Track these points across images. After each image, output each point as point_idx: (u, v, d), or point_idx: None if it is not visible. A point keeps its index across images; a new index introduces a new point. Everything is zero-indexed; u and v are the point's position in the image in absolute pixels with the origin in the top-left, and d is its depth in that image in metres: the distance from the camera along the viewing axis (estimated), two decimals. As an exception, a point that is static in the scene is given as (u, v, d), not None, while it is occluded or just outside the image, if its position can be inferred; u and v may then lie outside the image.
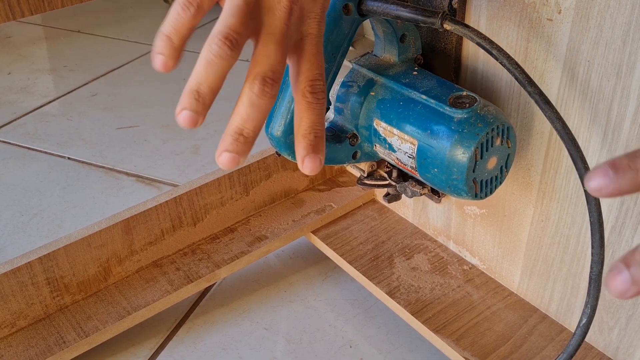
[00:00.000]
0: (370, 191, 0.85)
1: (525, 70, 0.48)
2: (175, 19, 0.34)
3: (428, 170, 0.54)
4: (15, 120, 1.24)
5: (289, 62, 0.38)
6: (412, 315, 0.67)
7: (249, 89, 0.34)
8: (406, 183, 0.64)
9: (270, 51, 0.35)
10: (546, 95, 0.47)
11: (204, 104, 0.33)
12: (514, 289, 0.69)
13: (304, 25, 0.37)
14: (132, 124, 1.22)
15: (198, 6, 0.35)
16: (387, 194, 0.69)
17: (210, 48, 0.33)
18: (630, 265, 0.27)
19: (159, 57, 0.34)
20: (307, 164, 0.36)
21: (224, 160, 0.34)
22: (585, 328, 0.51)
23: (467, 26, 0.48)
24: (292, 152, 0.53)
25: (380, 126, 0.57)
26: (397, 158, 0.57)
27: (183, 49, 0.35)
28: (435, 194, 0.68)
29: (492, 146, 0.52)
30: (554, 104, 0.49)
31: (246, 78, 0.35)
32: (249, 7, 0.35)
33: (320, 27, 0.38)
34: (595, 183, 0.27)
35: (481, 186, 0.54)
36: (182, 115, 0.33)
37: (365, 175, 0.66)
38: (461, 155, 0.51)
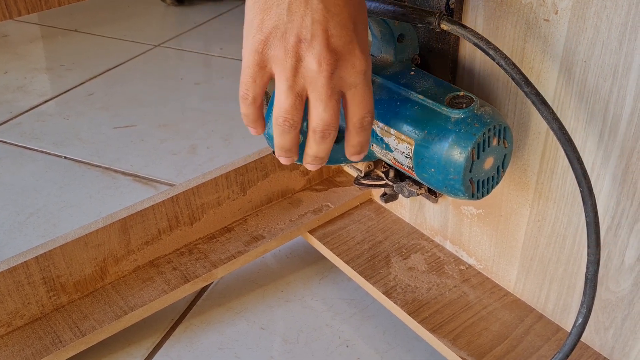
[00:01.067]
0: (367, 191, 0.85)
1: (522, 70, 0.49)
2: (243, 112, 0.47)
3: (425, 170, 0.54)
4: (11, 119, 1.24)
5: (344, 102, 0.47)
6: (409, 315, 0.68)
7: (313, 137, 0.46)
8: (403, 183, 0.64)
9: (321, 111, 0.44)
10: (543, 95, 0.47)
11: (294, 153, 0.48)
12: (511, 289, 0.70)
13: (351, 78, 0.45)
14: (129, 124, 1.22)
15: (253, 98, 0.46)
16: (384, 194, 0.69)
17: (277, 127, 0.45)
18: None
19: (253, 130, 0.49)
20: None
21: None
22: (581, 328, 0.51)
23: (464, 26, 0.48)
24: None
25: (378, 126, 0.57)
26: (394, 158, 0.57)
27: (262, 118, 0.48)
28: (432, 193, 0.68)
29: (488, 146, 0.53)
30: (550, 105, 0.49)
31: (309, 126, 0.46)
32: (294, 89, 0.44)
33: (367, 76, 0.45)
34: None
35: (478, 186, 0.54)
36: (282, 158, 0.48)
37: (362, 175, 0.66)
38: (458, 155, 0.51)
